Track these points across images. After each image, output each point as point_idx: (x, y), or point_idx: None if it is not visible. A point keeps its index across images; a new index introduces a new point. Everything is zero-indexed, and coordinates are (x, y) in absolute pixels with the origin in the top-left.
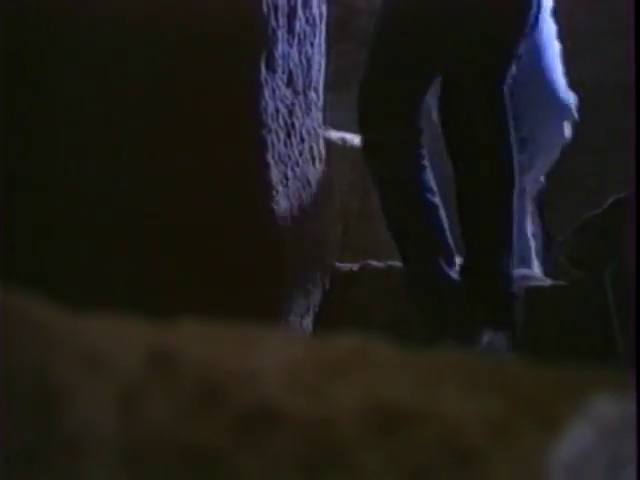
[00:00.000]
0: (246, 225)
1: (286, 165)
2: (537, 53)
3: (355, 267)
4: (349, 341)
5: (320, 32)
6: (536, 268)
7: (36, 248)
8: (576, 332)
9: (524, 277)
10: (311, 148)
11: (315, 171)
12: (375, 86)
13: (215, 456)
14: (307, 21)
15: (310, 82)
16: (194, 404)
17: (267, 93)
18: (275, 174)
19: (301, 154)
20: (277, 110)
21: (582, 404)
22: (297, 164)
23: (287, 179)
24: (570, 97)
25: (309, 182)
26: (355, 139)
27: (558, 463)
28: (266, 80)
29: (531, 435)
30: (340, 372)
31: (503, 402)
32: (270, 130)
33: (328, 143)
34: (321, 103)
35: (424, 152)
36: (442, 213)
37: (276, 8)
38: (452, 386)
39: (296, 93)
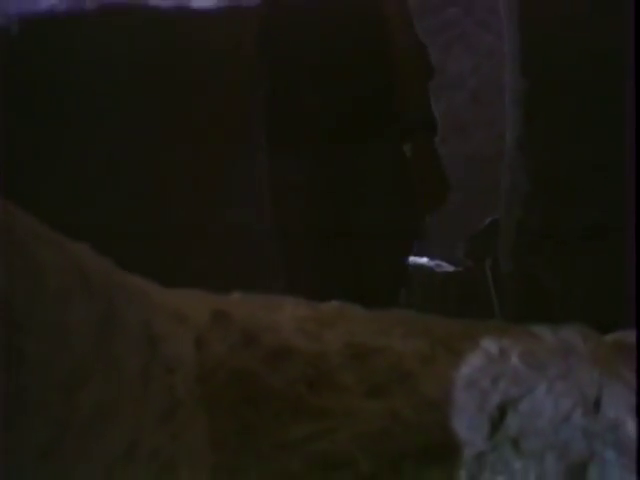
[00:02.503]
0: None
1: None
2: None
3: None
4: (333, 304)
5: None
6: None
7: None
8: (469, 298)
9: (438, 265)
10: None
11: None
12: None
13: (253, 376)
14: None
15: None
16: (240, 343)
17: None
18: None
19: None
20: None
21: (476, 343)
22: None
23: None
24: None
25: None
26: None
27: (461, 378)
28: None
29: (446, 362)
30: (329, 323)
31: (429, 342)
32: None
33: None
34: None
35: None
36: None
37: None
38: (398, 332)
39: None
